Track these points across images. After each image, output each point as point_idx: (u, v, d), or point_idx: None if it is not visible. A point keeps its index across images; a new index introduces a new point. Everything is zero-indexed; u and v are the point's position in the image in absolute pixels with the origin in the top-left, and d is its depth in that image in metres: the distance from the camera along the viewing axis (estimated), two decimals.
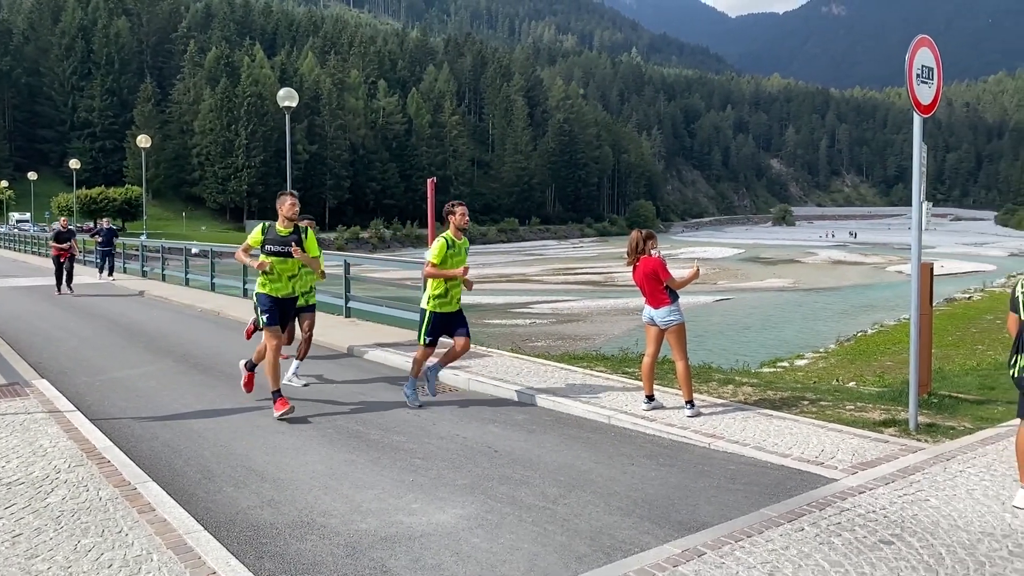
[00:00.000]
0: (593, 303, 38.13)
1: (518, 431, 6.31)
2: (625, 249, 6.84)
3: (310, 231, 7.12)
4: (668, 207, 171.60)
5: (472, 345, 10.18)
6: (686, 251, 79.53)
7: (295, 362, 8.16)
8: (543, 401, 7.16)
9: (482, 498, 4.75)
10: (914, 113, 6.32)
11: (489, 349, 10.00)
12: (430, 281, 7.08)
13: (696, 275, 6.70)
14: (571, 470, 5.30)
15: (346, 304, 12.87)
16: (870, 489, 4.73)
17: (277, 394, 6.67)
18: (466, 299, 7.70)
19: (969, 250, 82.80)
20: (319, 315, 12.66)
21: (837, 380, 10.58)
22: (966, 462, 5.26)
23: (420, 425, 6.48)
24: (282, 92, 17.80)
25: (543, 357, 9.54)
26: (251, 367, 7.44)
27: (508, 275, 55.80)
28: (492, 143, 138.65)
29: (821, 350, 25.06)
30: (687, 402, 6.60)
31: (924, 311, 6.99)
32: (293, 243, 6.78)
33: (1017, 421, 4.63)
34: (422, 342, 7.06)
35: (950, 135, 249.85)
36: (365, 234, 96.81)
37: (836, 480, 4.94)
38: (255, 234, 6.88)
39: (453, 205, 7.12)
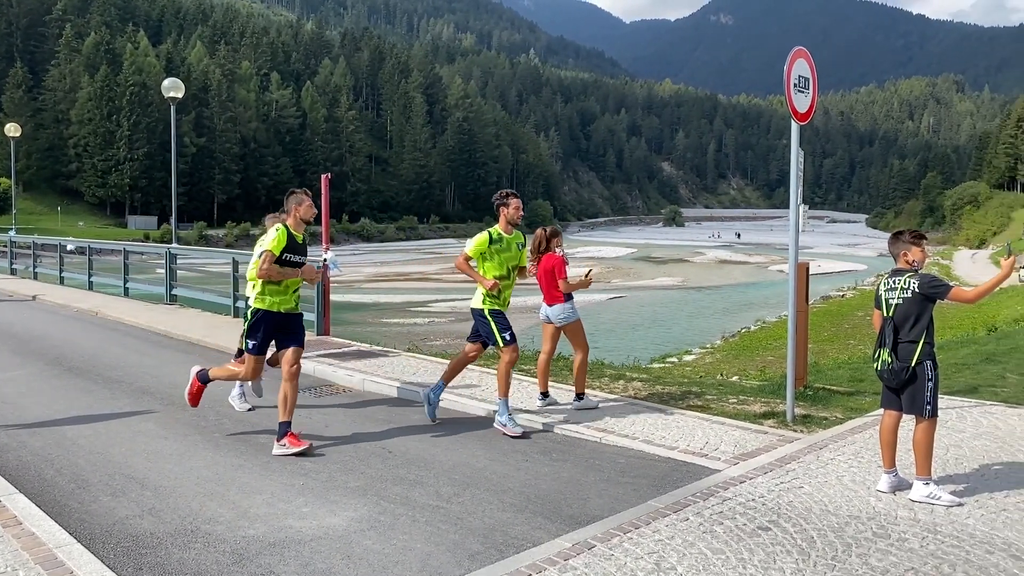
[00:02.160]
0: None
1: (413, 431, 6.27)
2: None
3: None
4: (565, 207, 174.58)
5: (368, 345, 10.08)
6: (582, 250, 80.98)
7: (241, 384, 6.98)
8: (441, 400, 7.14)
9: (375, 500, 4.70)
10: (792, 120, 6.67)
11: (386, 348, 9.90)
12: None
13: (586, 284, 6.75)
14: (466, 468, 5.31)
15: (234, 303, 12.43)
16: (750, 479, 4.97)
17: (287, 426, 5.71)
18: (362, 298, 7.58)
19: (843, 251, 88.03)
20: (205, 315, 12.19)
21: (721, 375, 11.04)
22: (837, 450, 5.60)
23: (312, 427, 6.34)
24: (167, 82, 17.03)
25: (441, 356, 9.52)
26: (204, 379, 6.28)
27: (407, 273, 55.36)
28: (390, 140, 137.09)
29: (708, 346, 26.16)
30: (578, 394, 6.75)
31: (801, 309, 7.39)
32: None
33: (881, 411, 4.96)
34: (501, 343, 6.12)
35: (827, 142, 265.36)
36: (256, 230, 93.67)
37: (719, 471, 5.16)
38: (278, 239, 5.67)
39: (507, 196, 6.31)
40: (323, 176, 10.91)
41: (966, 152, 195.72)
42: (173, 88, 16.76)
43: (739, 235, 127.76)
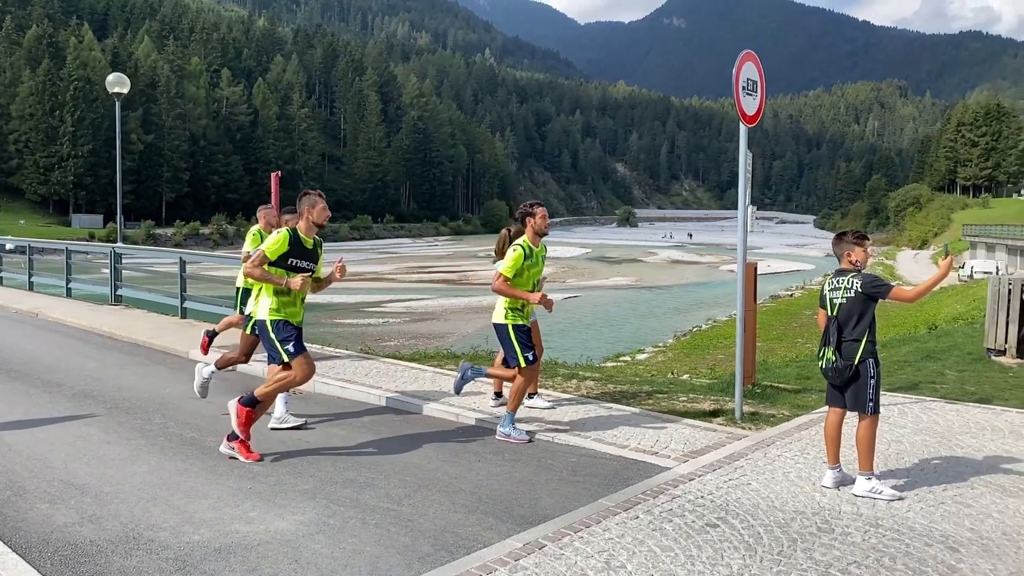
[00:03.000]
0: (447, 301, 38.24)
1: (365, 433, 6.21)
2: (479, 248, 6.86)
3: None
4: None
5: (319, 346, 9.95)
6: None
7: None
8: (391, 402, 7.10)
9: (324, 503, 4.64)
10: (740, 123, 6.77)
11: (337, 350, 9.79)
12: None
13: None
14: (417, 470, 5.27)
15: (181, 304, 12.16)
16: (699, 476, 5.03)
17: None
18: (314, 298, 7.46)
19: (792, 251, 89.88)
20: (152, 316, 11.90)
21: (672, 373, 11.18)
22: (783, 447, 5.71)
23: (261, 431, 6.22)
24: (111, 77, 16.59)
25: (393, 357, 9.44)
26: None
27: (361, 273, 54.84)
28: (344, 138, 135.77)
29: (660, 344, 26.47)
30: (530, 394, 6.77)
31: (749, 308, 7.52)
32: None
33: (826, 408, 5.07)
34: (523, 363, 5.90)
35: (776, 144, 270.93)
36: (206, 230, 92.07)
37: (669, 469, 5.22)
38: (278, 242, 5.36)
39: (532, 206, 6.09)
40: (273, 174, 10.69)
41: (909, 155, 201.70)
42: (118, 83, 16.33)
43: (691, 235, 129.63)
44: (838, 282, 4.90)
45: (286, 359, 5.48)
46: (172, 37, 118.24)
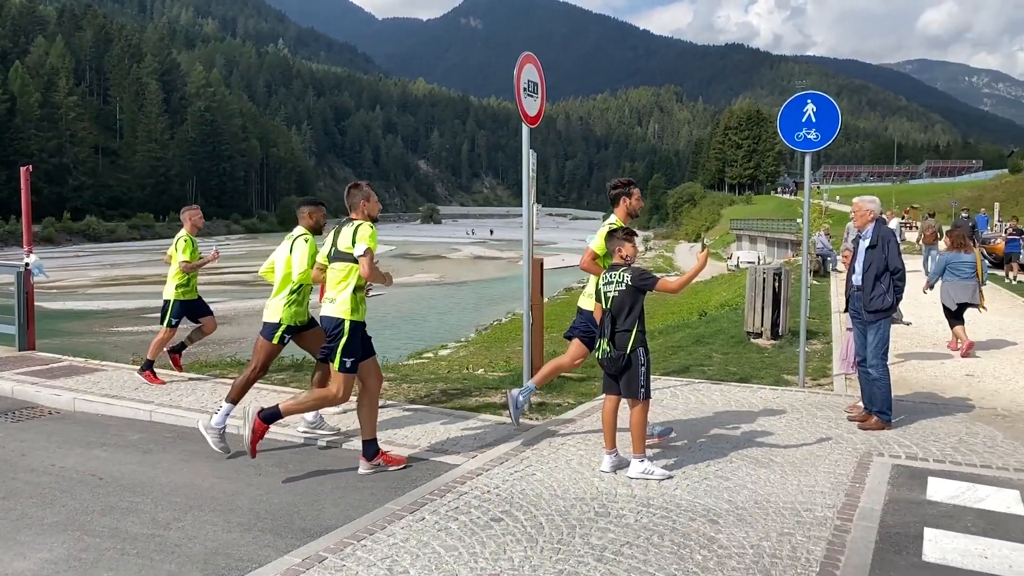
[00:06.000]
0: (241, 304, 36.27)
1: (131, 453, 5.67)
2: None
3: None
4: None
5: (82, 359, 8.99)
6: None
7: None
8: (162, 416, 6.54)
9: (77, 535, 4.16)
10: (523, 124, 6.93)
11: (103, 362, 8.88)
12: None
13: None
14: (189, 489, 4.88)
15: None
16: (487, 470, 5.08)
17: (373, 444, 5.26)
18: (87, 305, 6.71)
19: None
20: None
21: (467, 368, 11.31)
22: (567, 435, 5.92)
23: (4, 458, 5.49)
24: None
25: (168, 368, 8.72)
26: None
27: (142, 276, 50.61)
28: (121, 129, 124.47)
29: (463, 339, 26.77)
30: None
31: (536, 303, 7.74)
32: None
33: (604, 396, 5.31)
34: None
35: (569, 145, 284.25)
36: None
37: (458, 465, 5.22)
38: (375, 236, 5.09)
39: (628, 184, 5.74)
40: (23, 168, 9.55)
41: (685, 156, 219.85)
42: None
43: (492, 232, 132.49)
44: (611, 276, 5.15)
45: (338, 370, 5.06)
46: None
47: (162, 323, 7.77)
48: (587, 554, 3.82)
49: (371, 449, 5.20)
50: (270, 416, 5.03)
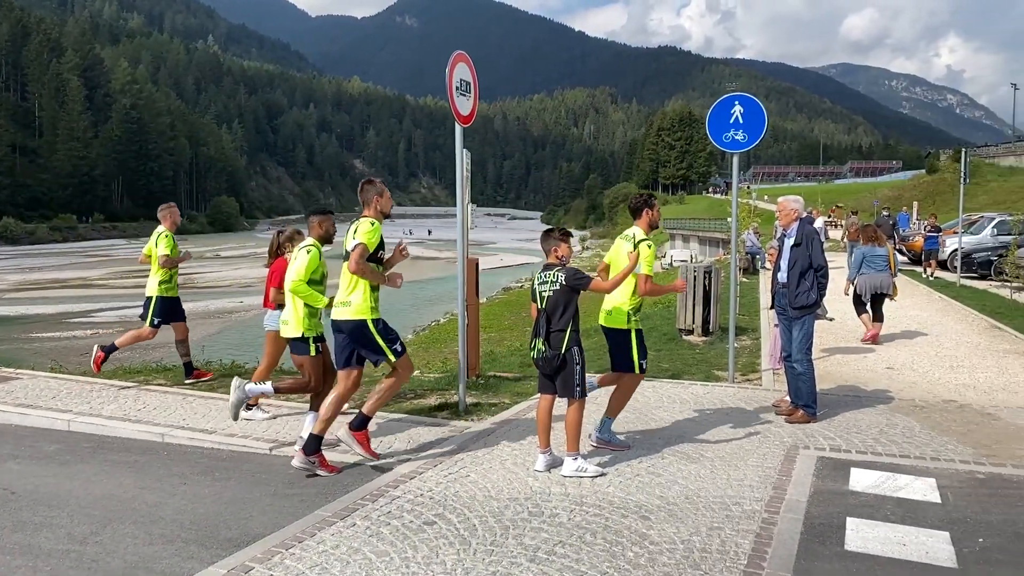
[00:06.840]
0: None
1: (47, 465, 5.42)
2: (207, 248, 6.35)
3: None
4: (253, 204, 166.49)
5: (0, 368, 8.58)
6: None
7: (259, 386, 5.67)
8: (82, 425, 6.28)
9: None
10: (456, 123, 6.89)
11: (19, 371, 8.49)
12: (631, 294, 5.66)
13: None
14: (110, 501, 4.70)
15: None
16: (420, 473, 5.03)
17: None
18: (4, 311, 6.36)
19: (522, 245, 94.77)
20: None
21: None
22: (502, 436, 5.91)
23: None
24: None
25: (89, 374, 8.38)
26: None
27: (64, 280, 48.63)
28: (40, 127, 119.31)
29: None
30: (249, 405, 6.37)
31: (471, 303, 7.72)
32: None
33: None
34: (638, 370, 5.73)
35: (506, 145, 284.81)
36: None
37: (391, 469, 5.16)
38: (375, 233, 5.06)
39: (651, 198, 5.92)
40: None
41: (620, 156, 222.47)
42: None
43: (430, 232, 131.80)
44: (545, 276, 5.16)
45: (393, 359, 5.19)
46: None
47: (144, 320, 7.59)
48: (520, 555, 3.81)
49: (313, 446, 5.14)
50: (360, 423, 5.20)
